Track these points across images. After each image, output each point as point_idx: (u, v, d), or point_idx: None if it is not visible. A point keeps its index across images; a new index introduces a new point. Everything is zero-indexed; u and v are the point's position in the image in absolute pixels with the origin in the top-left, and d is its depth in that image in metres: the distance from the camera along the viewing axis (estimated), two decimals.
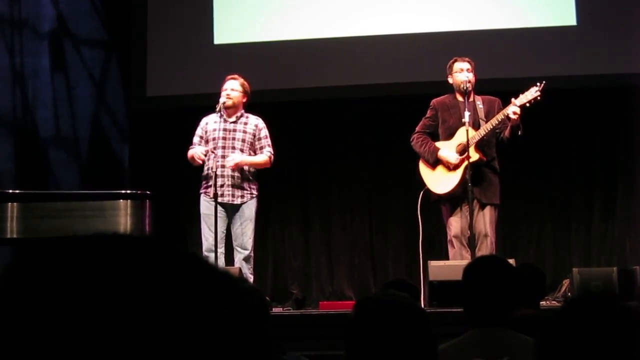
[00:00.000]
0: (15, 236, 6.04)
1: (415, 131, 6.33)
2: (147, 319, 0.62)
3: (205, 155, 6.24)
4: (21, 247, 6.17)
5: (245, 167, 6.25)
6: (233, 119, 6.28)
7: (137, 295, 0.63)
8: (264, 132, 6.31)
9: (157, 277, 0.64)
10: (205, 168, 6.29)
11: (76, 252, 0.66)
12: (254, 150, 6.30)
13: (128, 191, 6.29)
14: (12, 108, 7.85)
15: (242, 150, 6.23)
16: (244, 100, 6.33)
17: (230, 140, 6.23)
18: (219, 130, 6.26)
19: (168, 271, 0.65)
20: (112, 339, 0.61)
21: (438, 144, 6.23)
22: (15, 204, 6.07)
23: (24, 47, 7.94)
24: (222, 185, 6.12)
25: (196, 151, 6.22)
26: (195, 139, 6.35)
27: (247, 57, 7.65)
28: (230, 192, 6.17)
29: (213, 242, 6.15)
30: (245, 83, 6.33)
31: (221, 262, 6.15)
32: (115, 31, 8.12)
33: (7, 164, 7.71)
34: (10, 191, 6.33)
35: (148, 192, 6.20)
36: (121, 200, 6.08)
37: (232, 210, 6.23)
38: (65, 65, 8.03)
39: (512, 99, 5.98)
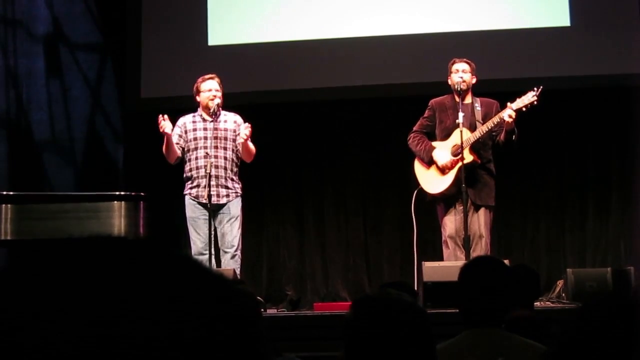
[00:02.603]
0: (9, 238, 6.04)
1: (413, 130, 6.35)
2: (140, 322, 0.62)
3: (188, 153, 6.24)
4: (15, 249, 6.17)
5: (230, 166, 6.22)
6: (211, 117, 6.27)
7: (130, 298, 0.63)
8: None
9: (151, 279, 0.65)
10: (188, 169, 6.27)
11: (70, 255, 0.66)
12: (236, 146, 6.27)
13: (122, 193, 6.29)
14: (6, 109, 7.84)
15: (225, 149, 6.22)
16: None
17: (212, 140, 6.20)
18: (200, 130, 6.25)
19: (161, 274, 0.65)
20: (106, 342, 0.61)
21: (434, 144, 6.24)
22: (9, 205, 6.07)
23: (17, 48, 7.93)
24: (205, 186, 6.09)
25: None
26: (174, 139, 6.30)
27: (242, 58, 7.66)
28: (215, 192, 6.15)
29: (201, 246, 6.13)
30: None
31: (212, 264, 6.11)
32: (110, 33, 8.11)
33: (1, 165, 7.70)
34: (5, 193, 6.32)
35: (142, 194, 6.19)
36: (115, 202, 6.08)
37: (217, 209, 6.20)
38: (60, 67, 8.02)
39: (508, 103, 5.99)
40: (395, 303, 1.90)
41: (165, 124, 6.05)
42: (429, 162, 6.21)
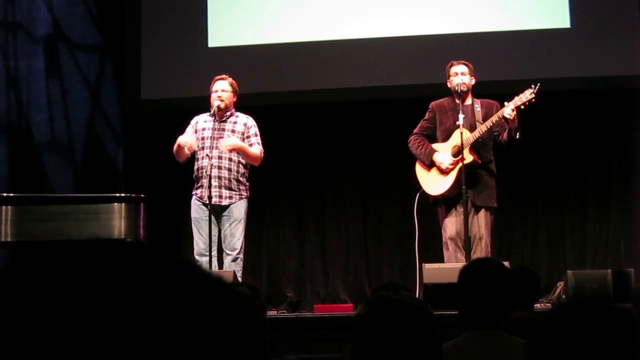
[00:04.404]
0: (9, 239, 6.03)
1: (413, 133, 6.35)
2: (140, 325, 0.62)
3: (195, 151, 6.24)
4: (16, 251, 6.17)
5: (235, 167, 6.22)
6: (223, 118, 6.26)
7: (129, 301, 0.63)
8: (254, 130, 6.28)
9: (149, 282, 0.65)
10: (195, 168, 6.28)
11: (70, 257, 0.66)
12: None
13: (122, 194, 6.29)
14: (6, 111, 7.84)
15: (229, 151, 6.21)
16: (234, 99, 6.32)
17: (216, 140, 6.20)
18: (208, 129, 6.24)
19: (161, 277, 0.65)
20: (105, 345, 0.61)
21: (434, 145, 6.24)
22: (9, 207, 6.07)
23: (18, 51, 7.94)
24: (209, 187, 6.09)
25: (183, 138, 6.17)
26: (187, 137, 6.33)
27: (242, 59, 7.65)
28: (217, 193, 6.13)
29: (203, 247, 6.12)
30: (234, 82, 6.33)
31: (213, 266, 6.10)
32: (110, 34, 8.12)
33: (1, 167, 7.70)
34: (5, 194, 6.32)
35: (142, 195, 6.19)
36: (115, 204, 6.08)
37: (220, 211, 6.19)
38: (60, 68, 8.02)
39: (506, 103, 6.00)
40: (407, 304, 1.92)
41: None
42: (430, 165, 6.21)
